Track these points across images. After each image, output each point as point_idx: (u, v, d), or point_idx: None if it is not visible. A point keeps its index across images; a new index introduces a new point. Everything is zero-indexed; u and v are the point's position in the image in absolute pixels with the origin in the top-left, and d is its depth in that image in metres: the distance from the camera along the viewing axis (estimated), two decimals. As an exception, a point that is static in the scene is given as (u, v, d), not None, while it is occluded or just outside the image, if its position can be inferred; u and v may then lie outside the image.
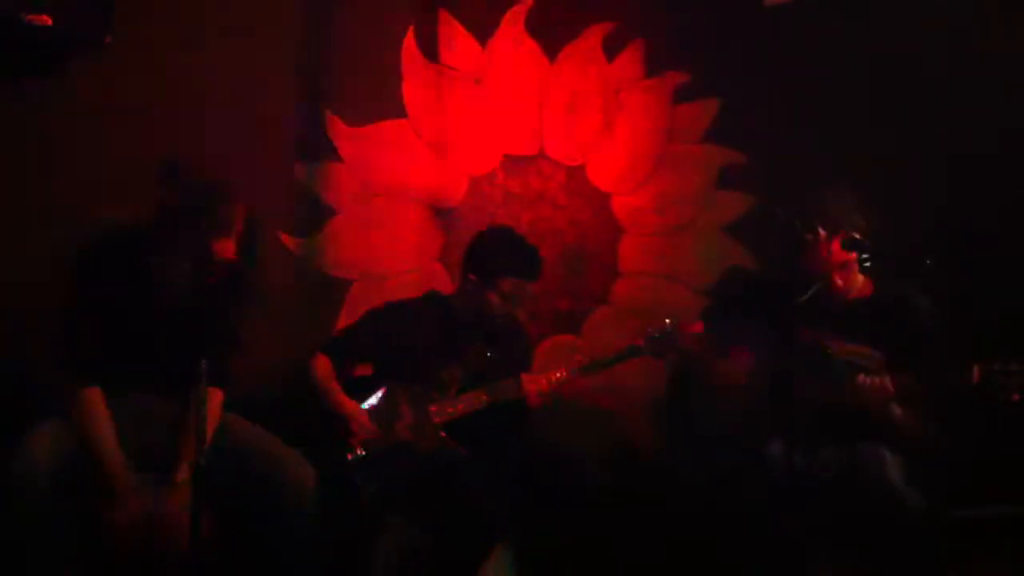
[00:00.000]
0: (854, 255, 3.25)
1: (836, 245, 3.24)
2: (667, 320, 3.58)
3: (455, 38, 4.32)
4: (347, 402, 3.40)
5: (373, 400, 3.45)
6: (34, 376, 3.20)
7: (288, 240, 4.04)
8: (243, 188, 3.11)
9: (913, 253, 3.33)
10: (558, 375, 3.51)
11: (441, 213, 4.30)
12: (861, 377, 3.06)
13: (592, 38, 4.49)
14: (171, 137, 3.71)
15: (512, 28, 4.40)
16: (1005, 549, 3.64)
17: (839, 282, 3.30)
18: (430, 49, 4.28)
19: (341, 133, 4.13)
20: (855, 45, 4.40)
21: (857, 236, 3.22)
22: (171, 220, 2.95)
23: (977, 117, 4.24)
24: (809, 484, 3.09)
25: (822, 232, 3.25)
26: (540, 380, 3.47)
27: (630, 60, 4.53)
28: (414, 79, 4.26)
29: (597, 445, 4.27)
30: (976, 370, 2.90)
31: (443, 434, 3.44)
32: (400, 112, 4.24)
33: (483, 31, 4.36)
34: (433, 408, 3.45)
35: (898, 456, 3.09)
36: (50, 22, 3.37)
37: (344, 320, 3.99)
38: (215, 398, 3.04)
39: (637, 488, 4.21)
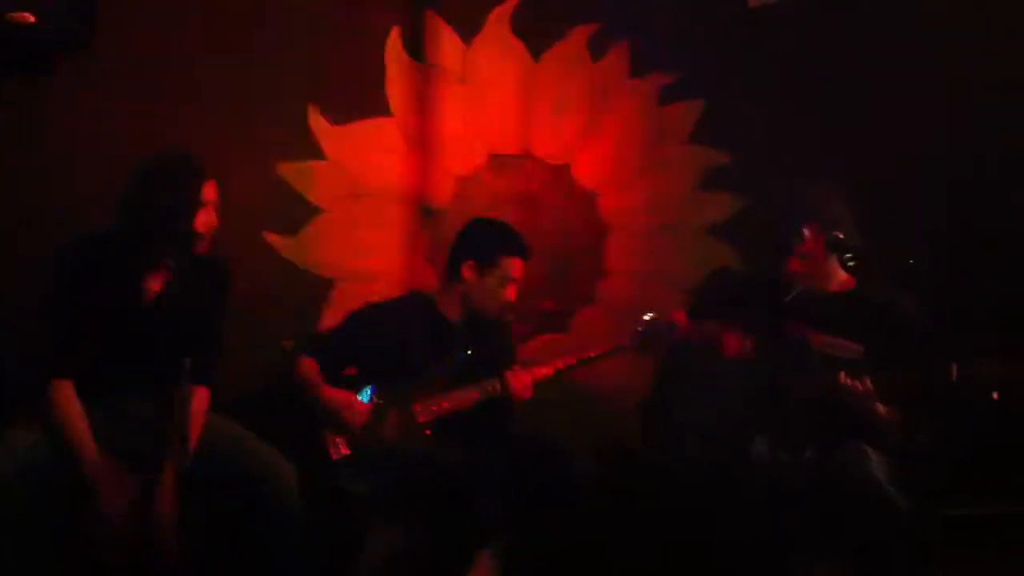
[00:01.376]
0: (837, 255, 3.27)
1: (820, 245, 3.25)
2: (648, 314, 3.61)
3: (440, 37, 4.31)
4: (337, 393, 3.39)
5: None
6: (14, 374, 3.17)
7: (273, 239, 4.03)
8: (228, 186, 3.12)
9: (897, 253, 3.35)
10: (543, 371, 3.53)
11: (427, 212, 4.29)
12: (843, 376, 3.07)
13: (578, 38, 4.49)
14: (155, 135, 3.69)
15: (497, 27, 4.39)
16: (989, 547, 3.65)
17: (821, 281, 3.32)
18: (415, 48, 4.27)
19: (326, 131, 4.12)
20: (841, 45, 4.41)
21: (841, 236, 3.23)
22: (152, 179, 2.99)
23: (967, 116, 4.25)
24: (793, 481, 3.10)
25: (806, 232, 3.26)
26: (525, 377, 3.48)
27: (616, 60, 4.53)
28: (399, 78, 4.25)
29: (585, 443, 4.28)
30: (955, 369, 2.92)
31: (428, 433, 3.44)
32: (385, 111, 4.23)
33: (468, 30, 4.35)
34: (418, 407, 3.44)
35: (881, 454, 3.10)
36: (33, 20, 3.35)
37: (329, 320, 3.98)
38: (201, 397, 3.03)
39: (626, 486, 4.21)
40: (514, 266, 3.57)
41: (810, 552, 3.16)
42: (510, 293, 3.58)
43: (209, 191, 3.04)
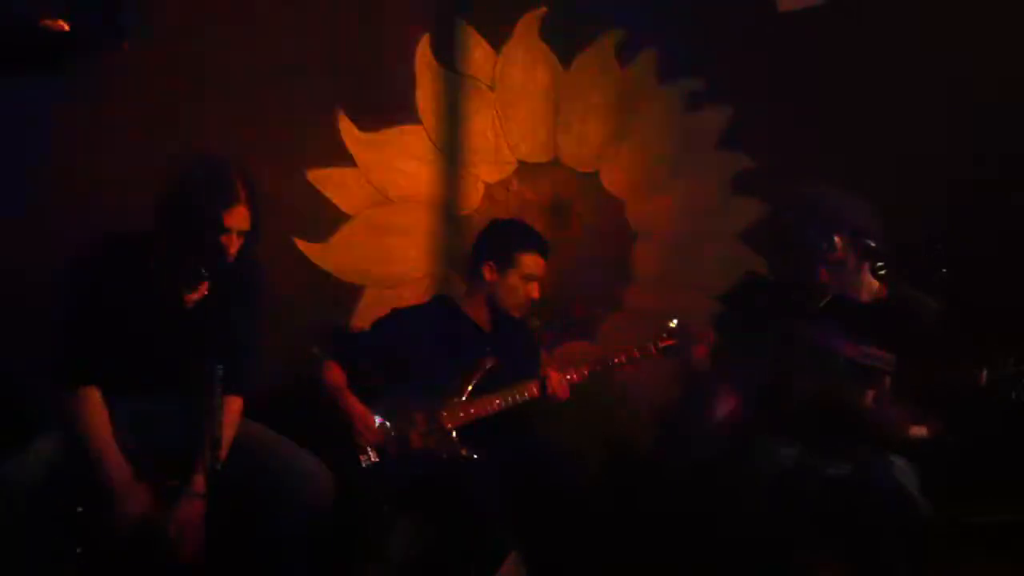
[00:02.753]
0: (869, 263, 3.25)
1: (851, 253, 3.23)
2: (673, 321, 3.62)
3: (470, 45, 4.33)
4: (356, 405, 3.40)
5: (384, 408, 3.44)
6: (34, 383, 3.19)
7: (301, 245, 4.05)
8: (257, 191, 3.11)
9: (928, 259, 3.33)
10: (570, 377, 3.52)
11: (455, 220, 4.31)
12: (874, 391, 3.06)
13: (606, 45, 4.49)
14: (186, 141, 3.72)
15: (527, 35, 4.40)
16: (1011, 555, 3.62)
17: (853, 289, 3.30)
18: (445, 55, 4.29)
19: (355, 138, 4.14)
20: (869, 51, 4.40)
21: (872, 243, 3.21)
22: (177, 199, 2.93)
23: (992, 122, 4.23)
24: (817, 488, 3.08)
25: (836, 239, 3.24)
26: (553, 383, 3.47)
27: (644, 67, 4.53)
28: (429, 85, 4.26)
29: (605, 449, 4.28)
30: (984, 373, 2.90)
31: (456, 438, 3.44)
32: (415, 118, 4.25)
33: (498, 38, 4.37)
34: (445, 413, 3.45)
35: (907, 461, 3.08)
36: (67, 27, 3.37)
37: (356, 326, 3.99)
38: (234, 406, 3.03)
39: (638, 490, 4.20)
40: (533, 262, 3.57)
41: (829, 556, 3.14)
42: (532, 290, 3.58)
43: (232, 218, 2.95)
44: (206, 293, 3.06)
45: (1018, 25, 4.27)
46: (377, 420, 3.41)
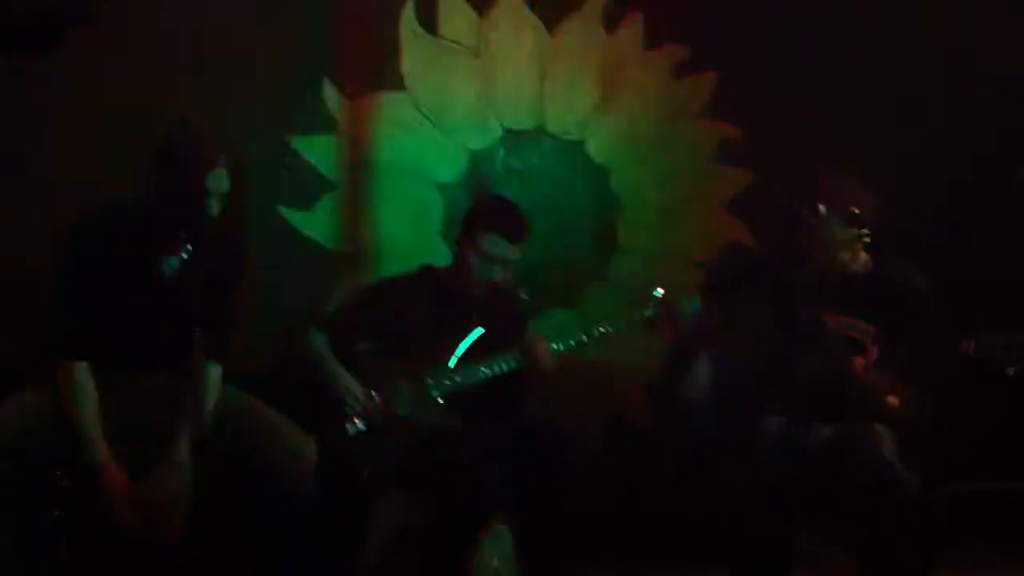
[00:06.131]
0: (853, 231, 3.25)
1: (835, 221, 3.24)
2: (658, 291, 3.61)
3: (454, 10, 4.29)
4: (341, 375, 3.39)
5: (370, 376, 3.44)
6: (19, 348, 3.18)
7: (286, 213, 4.03)
8: (241, 160, 3.10)
9: (912, 229, 3.34)
10: (556, 347, 3.51)
11: (440, 188, 4.29)
12: (858, 362, 3.07)
13: (591, 10, 4.46)
14: (167, 108, 3.68)
15: (511, 0, 4.37)
16: (998, 525, 3.66)
17: (837, 258, 3.30)
18: (429, 21, 4.25)
19: (340, 105, 4.11)
20: (856, 19, 4.39)
21: (856, 212, 3.22)
22: (159, 169, 2.90)
23: (977, 93, 4.24)
24: (803, 459, 3.09)
25: (821, 208, 3.24)
26: (538, 352, 3.47)
27: (630, 33, 4.50)
28: (413, 51, 4.23)
29: (593, 420, 4.29)
30: (972, 343, 2.91)
31: (441, 407, 3.44)
32: (399, 84, 4.22)
33: (482, 3, 4.33)
34: (430, 381, 3.45)
35: (892, 432, 3.09)
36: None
37: (341, 294, 3.98)
38: (213, 374, 3.01)
39: (634, 464, 4.22)
40: (492, 243, 3.44)
41: (816, 527, 3.16)
42: (492, 272, 3.48)
43: (213, 181, 2.90)
44: (185, 258, 3.03)
45: (1018, 25, 4.27)
46: (362, 389, 3.40)
